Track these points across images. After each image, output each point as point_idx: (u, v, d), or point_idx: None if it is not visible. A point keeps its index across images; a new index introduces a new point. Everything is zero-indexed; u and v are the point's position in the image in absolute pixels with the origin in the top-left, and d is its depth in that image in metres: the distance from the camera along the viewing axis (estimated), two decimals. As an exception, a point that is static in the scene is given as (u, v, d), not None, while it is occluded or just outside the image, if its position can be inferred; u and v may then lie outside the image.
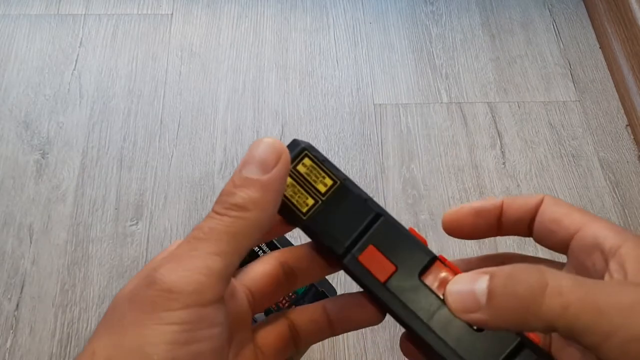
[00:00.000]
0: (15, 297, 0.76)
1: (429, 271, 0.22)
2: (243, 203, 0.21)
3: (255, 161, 0.21)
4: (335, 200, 0.23)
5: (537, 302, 0.19)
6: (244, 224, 0.21)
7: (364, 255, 0.23)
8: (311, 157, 0.24)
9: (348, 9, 1.05)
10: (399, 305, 0.22)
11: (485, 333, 0.21)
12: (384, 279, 0.22)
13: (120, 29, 1.01)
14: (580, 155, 0.90)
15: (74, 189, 0.85)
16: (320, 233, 0.23)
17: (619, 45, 0.97)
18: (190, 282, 0.19)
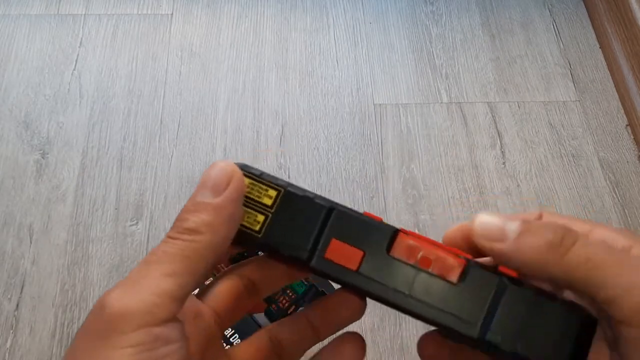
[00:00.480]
0: (15, 297, 0.76)
1: (395, 244, 0.22)
2: (195, 227, 0.21)
3: (207, 186, 0.22)
4: (284, 209, 0.23)
5: (564, 248, 0.20)
6: (196, 246, 0.21)
7: (330, 250, 0.22)
8: (248, 175, 0.23)
9: (348, 9, 1.05)
10: (378, 287, 0.22)
11: (466, 283, 0.21)
12: (356, 267, 0.22)
13: (120, 29, 1.01)
14: (580, 155, 0.90)
15: (74, 189, 0.85)
16: (279, 245, 0.23)
17: (619, 45, 0.97)
18: (141, 304, 0.19)
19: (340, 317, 0.25)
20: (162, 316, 0.19)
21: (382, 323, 0.75)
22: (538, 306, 0.21)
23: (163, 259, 0.20)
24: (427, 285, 0.22)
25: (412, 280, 0.22)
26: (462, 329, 0.21)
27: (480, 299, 0.21)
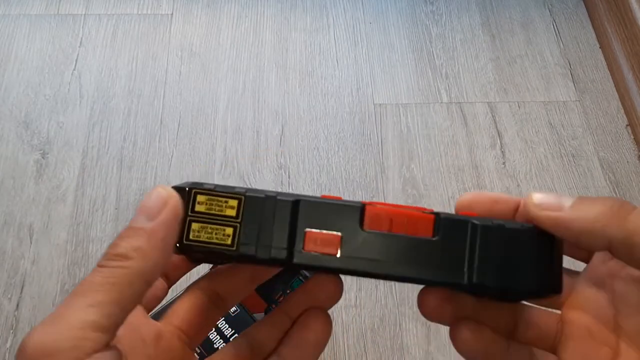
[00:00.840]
0: (15, 297, 0.76)
1: (366, 218, 0.23)
2: (124, 252, 0.20)
3: (142, 212, 0.21)
4: (250, 215, 0.23)
5: (625, 212, 0.20)
6: (124, 272, 0.20)
7: (307, 242, 0.22)
8: (201, 192, 0.23)
9: (348, 9, 1.05)
10: (363, 263, 0.22)
11: (441, 236, 0.22)
12: (337, 251, 0.22)
13: (120, 29, 1.01)
14: (580, 155, 0.90)
15: (74, 189, 0.85)
16: (257, 252, 0.22)
17: (619, 45, 0.97)
18: (63, 339, 0.18)
19: (319, 302, 0.25)
20: (88, 349, 0.19)
21: (382, 323, 0.75)
22: (510, 238, 0.22)
23: (87, 290, 0.20)
24: (407, 248, 0.22)
25: (393, 247, 0.22)
26: (450, 280, 0.22)
27: (458, 246, 0.22)
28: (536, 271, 0.22)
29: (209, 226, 0.22)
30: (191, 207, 0.23)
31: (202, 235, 0.22)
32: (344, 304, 0.76)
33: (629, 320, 0.23)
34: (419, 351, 0.73)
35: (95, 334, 0.19)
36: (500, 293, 0.22)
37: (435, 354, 0.73)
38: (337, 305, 0.76)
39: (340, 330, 0.74)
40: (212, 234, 0.22)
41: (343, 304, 0.76)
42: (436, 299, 0.24)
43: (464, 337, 0.24)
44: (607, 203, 0.21)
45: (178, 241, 0.22)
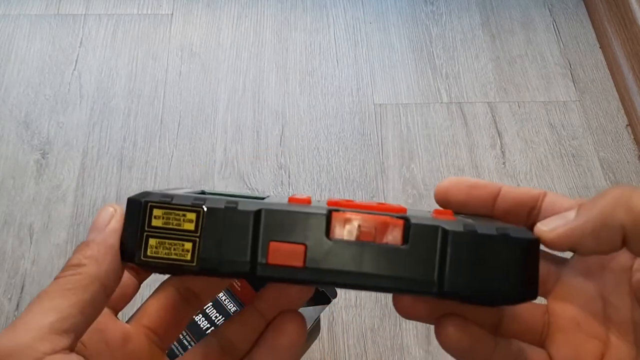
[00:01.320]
0: (15, 297, 0.76)
1: (332, 226, 0.22)
2: (77, 261, 0.21)
3: (92, 229, 0.22)
4: (210, 228, 0.22)
5: (628, 196, 0.20)
6: (78, 278, 0.21)
7: (271, 254, 0.21)
8: (158, 205, 0.22)
9: (348, 9, 1.05)
10: (329, 275, 0.21)
11: (411, 242, 0.21)
12: (302, 262, 0.21)
13: (120, 29, 1.01)
14: (581, 155, 0.90)
15: (74, 189, 0.85)
16: (218, 267, 0.21)
17: (619, 45, 0.97)
18: (21, 341, 0.19)
19: (290, 297, 0.25)
20: (45, 349, 0.19)
21: (382, 323, 0.75)
22: (482, 242, 0.21)
23: (45, 297, 0.21)
24: (375, 257, 0.21)
25: (360, 257, 0.21)
26: (420, 289, 0.21)
27: (429, 253, 0.21)
28: (510, 277, 0.21)
29: (166, 242, 0.22)
30: (148, 222, 0.22)
31: (161, 251, 0.22)
32: (344, 304, 0.76)
33: (618, 312, 0.23)
34: (419, 351, 0.73)
35: (53, 336, 0.19)
36: (473, 300, 0.21)
37: (435, 353, 0.73)
38: (337, 305, 0.76)
39: (340, 330, 0.74)
40: (171, 250, 0.22)
41: (343, 304, 0.76)
42: (410, 298, 0.24)
43: (449, 334, 0.23)
44: (607, 195, 0.21)
45: (136, 258, 0.22)
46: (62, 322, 0.20)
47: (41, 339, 0.19)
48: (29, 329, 0.19)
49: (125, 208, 0.22)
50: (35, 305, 0.20)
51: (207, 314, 0.53)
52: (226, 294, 0.54)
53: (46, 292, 0.21)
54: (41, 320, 0.20)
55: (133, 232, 0.22)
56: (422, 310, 0.24)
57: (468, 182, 0.25)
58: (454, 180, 0.25)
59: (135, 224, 0.22)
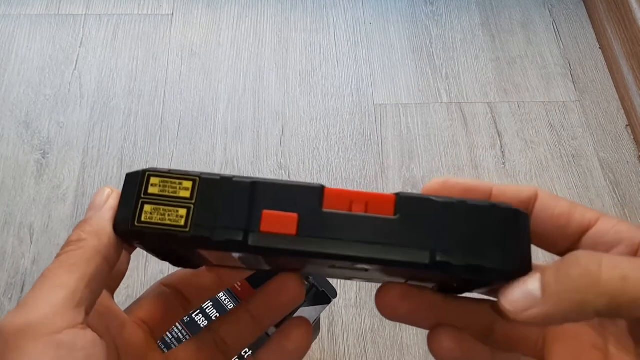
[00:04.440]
0: (15, 296, 0.76)
1: (326, 199, 0.22)
2: (77, 237, 0.22)
3: (89, 208, 0.23)
4: (205, 197, 0.22)
5: (596, 278, 0.18)
6: (80, 252, 0.21)
7: (264, 223, 0.21)
8: (155, 174, 0.22)
9: (348, 9, 1.05)
10: (323, 244, 0.21)
11: (403, 214, 0.21)
12: (295, 231, 0.21)
13: (120, 29, 1.01)
14: (580, 155, 0.90)
15: (75, 189, 0.85)
16: (211, 233, 0.21)
17: (619, 45, 0.97)
18: (35, 316, 0.19)
19: (280, 303, 0.25)
20: (61, 324, 0.19)
21: (382, 323, 0.75)
22: (472, 213, 0.21)
23: (50, 275, 0.20)
24: (367, 227, 0.21)
25: (352, 227, 0.21)
26: (413, 259, 0.21)
27: (420, 224, 0.21)
28: (503, 249, 0.21)
29: (161, 207, 0.22)
30: (145, 190, 0.22)
31: (155, 216, 0.22)
32: (344, 304, 0.76)
33: (614, 324, 0.22)
34: (419, 351, 0.73)
35: (67, 311, 0.19)
36: (466, 273, 0.21)
37: (435, 353, 0.73)
38: (337, 305, 0.76)
39: (340, 330, 0.74)
40: (165, 216, 0.21)
41: (343, 304, 0.76)
42: (392, 297, 0.24)
43: (444, 345, 0.23)
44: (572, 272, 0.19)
45: (130, 224, 0.22)
46: (72, 297, 0.20)
47: (56, 314, 0.19)
48: (41, 306, 0.19)
49: (123, 183, 0.23)
50: (42, 284, 0.20)
51: (207, 313, 0.53)
52: (226, 294, 0.54)
53: (50, 270, 0.20)
54: (52, 296, 0.20)
55: (128, 201, 0.22)
56: (406, 308, 0.24)
57: (458, 184, 0.23)
58: (440, 182, 0.24)
59: (131, 194, 0.22)
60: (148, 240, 0.22)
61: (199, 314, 0.53)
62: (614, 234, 0.22)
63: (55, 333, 0.19)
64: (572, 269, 0.19)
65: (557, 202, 0.23)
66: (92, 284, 0.21)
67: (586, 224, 0.23)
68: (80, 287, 0.20)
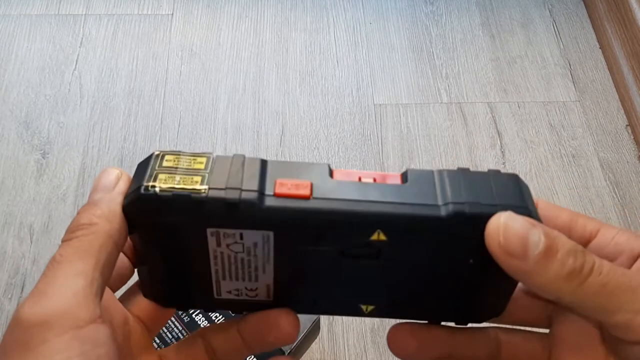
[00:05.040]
0: (15, 297, 0.76)
1: (335, 173, 0.22)
2: (88, 220, 0.20)
3: (97, 189, 0.22)
4: (219, 168, 0.22)
5: (583, 277, 0.20)
6: (93, 237, 0.20)
7: (278, 187, 0.21)
8: (170, 153, 0.22)
9: (348, 9, 1.05)
10: (337, 204, 0.21)
11: (410, 182, 0.22)
12: (309, 193, 0.21)
13: (120, 29, 1.01)
14: (580, 155, 0.90)
15: (75, 189, 0.85)
16: (226, 194, 0.21)
17: (619, 45, 0.97)
18: (58, 308, 0.18)
19: (269, 341, 0.25)
20: (85, 317, 0.18)
21: (382, 323, 0.75)
22: (476, 177, 0.22)
23: (64, 261, 0.19)
24: (379, 191, 0.22)
25: (365, 191, 0.22)
26: (428, 212, 0.21)
27: (429, 187, 0.22)
28: (511, 199, 0.22)
29: (176, 175, 0.21)
30: (159, 164, 0.22)
31: (169, 182, 0.21)
32: (344, 303, 0.76)
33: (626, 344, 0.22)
34: (419, 351, 0.73)
35: (87, 301, 0.19)
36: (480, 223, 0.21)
37: (435, 353, 0.73)
38: (337, 305, 0.76)
39: (340, 330, 0.74)
40: (180, 181, 0.21)
41: (343, 303, 0.76)
42: (403, 334, 0.25)
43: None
44: (569, 262, 0.20)
45: (142, 188, 0.21)
46: (90, 286, 0.19)
47: (79, 306, 0.18)
48: (63, 295, 0.18)
49: (134, 172, 0.23)
50: (57, 270, 0.19)
51: (207, 313, 0.53)
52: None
53: (63, 255, 0.20)
54: (71, 285, 0.19)
55: (141, 174, 0.22)
56: (416, 344, 0.25)
57: None
58: None
59: (143, 172, 0.22)
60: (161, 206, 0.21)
61: (199, 313, 0.53)
62: (614, 246, 0.22)
63: (79, 326, 0.18)
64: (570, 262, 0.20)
65: (558, 213, 0.24)
66: (104, 271, 0.20)
67: (587, 236, 0.23)
68: (96, 276, 0.20)
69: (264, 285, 0.24)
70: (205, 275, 0.24)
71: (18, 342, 0.18)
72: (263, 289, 0.24)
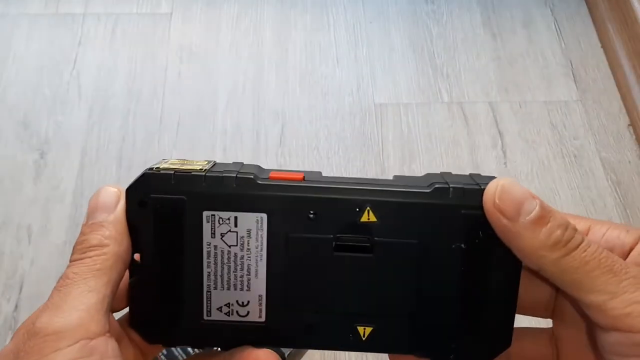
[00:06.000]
0: (14, 298, 0.76)
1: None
2: (99, 242, 0.22)
3: (98, 209, 0.23)
4: (219, 166, 0.24)
5: (567, 250, 0.21)
6: (105, 258, 0.22)
7: (272, 175, 0.23)
8: (174, 159, 0.25)
9: (348, 8, 1.05)
10: (328, 182, 0.23)
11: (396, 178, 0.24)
12: (302, 177, 0.23)
13: (119, 28, 1.00)
14: (582, 155, 0.89)
15: (73, 189, 0.84)
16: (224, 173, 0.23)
17: (621, 44, 0.97)
18: (72, 320, 0.20)
19: None
20: (95, 330, 0.20)
21: (382, 324, 0.75)
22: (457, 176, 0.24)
23: (78, 279, 0.21)
24: (369, 180, 0.23)
25: (355, 179, 0.23)
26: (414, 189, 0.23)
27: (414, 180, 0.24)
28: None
29: (178, 166, 0.23)
30: (162, 162, 0.24)
31: (172, 167, 0.23)
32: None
33: None
34: (419, 352, 0.73)
35: (98, 316, 0.21)
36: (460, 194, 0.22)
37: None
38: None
39: (341, 331, 0.74)
40: (182, 166, 0.23)
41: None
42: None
43: None
44: (557, 233, 0.21)
45: (146, 169, 0.23)
46: (102, 303, 0.21)
47: (91, 320, 0.20)
48: (77, 309, 0.20)
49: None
50: (72, 287, 0.21)
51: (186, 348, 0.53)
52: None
53: (77, 273, 0.21)
54: (85, 300, 0.21)
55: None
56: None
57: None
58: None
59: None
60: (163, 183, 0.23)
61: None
62: (605, 243, 0.23)
63: (90, 338, 0.20)
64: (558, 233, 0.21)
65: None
66: (114, 290, 0.22)
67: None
68: (107, 293, 0.21)
69: (256, 297, 0.24)
70: (197, 285, 0.24)
71: (33, 349, 0.20)
72: (255, 302, 0.24)
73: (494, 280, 0.23)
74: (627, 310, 0.20)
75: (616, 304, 0.20)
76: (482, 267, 0.23)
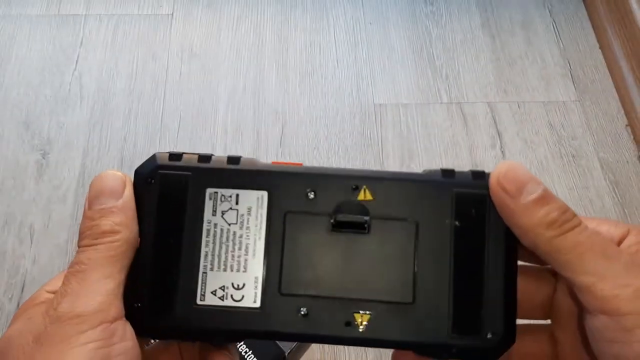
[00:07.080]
0: (15, 297, 0.76)
1: None
2: (110, 228, 0.22)
3: (105, 193, 0.23)
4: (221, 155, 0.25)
5: (564, 230, 0.21)
6: (118, 244, 0.22)
7: (274, 162, 0.24)
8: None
9: (348, 9, 1.05)
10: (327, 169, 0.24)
11: None
12: (301, 164, 0.24)
13: (120, 29, 1.01)
14: (580, 155, 0.90)
15: (75, 189, 0.85)
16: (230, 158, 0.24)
17: (619, 45, 0.97)
18: (92, 305, 0.21)
19: None
20: (114, 314, 0.21)
21: (382, 323, 0.75)
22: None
23: (93, 265, 0.22)
24: (367, 169, 0.24)
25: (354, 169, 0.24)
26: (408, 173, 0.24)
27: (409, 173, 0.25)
28: None
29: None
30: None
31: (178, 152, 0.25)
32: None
33: None
34: (419, 351, 0.73)
35: (116, 301, 0.22)
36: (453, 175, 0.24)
37: (436, 353, 0.73)
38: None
39: (341, 330, 0.74)
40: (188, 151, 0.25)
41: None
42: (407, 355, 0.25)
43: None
44: (553, 214, 0.21)
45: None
46: (118, 288, 0.22)
47: (110, 304, 0.21)
48: (96, 294, 0.21)
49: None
50: (89, 274, 0.22)
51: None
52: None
53: (92, 259, 0.22)
54: (103, 287, 0.21)
55: None
56: None
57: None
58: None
59: None
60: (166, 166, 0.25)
61: None
62: None
63: (109, 321, 0.21)
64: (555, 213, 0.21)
65: None
66: (125, 275, 0.23)
67: None
68: (122, 279, 0.22)
69: (252, 279, 0.23)
70: (193, 266, 0.23)
71: (57, 332, 0.21)
72: (251, 285, 0.23)
73: (491, 264, 0.23)
74: (615, 292, 0.20)
75: (605, 286, 0.20)
76: (477, 247, 0.23)
